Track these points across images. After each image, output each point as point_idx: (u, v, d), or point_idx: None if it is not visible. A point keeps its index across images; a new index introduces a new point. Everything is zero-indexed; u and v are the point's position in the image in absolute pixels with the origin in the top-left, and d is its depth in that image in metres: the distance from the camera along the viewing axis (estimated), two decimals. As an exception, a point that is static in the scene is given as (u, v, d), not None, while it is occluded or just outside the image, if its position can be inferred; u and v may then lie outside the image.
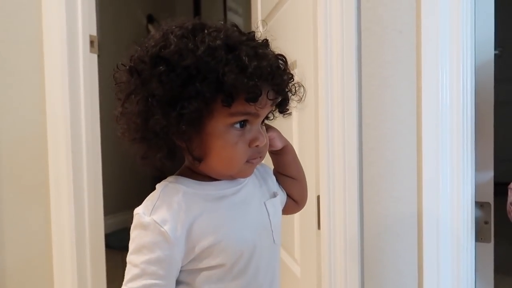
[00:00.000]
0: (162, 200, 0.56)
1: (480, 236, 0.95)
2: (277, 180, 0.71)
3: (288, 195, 0.73)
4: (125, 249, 0.57)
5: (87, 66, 1.43)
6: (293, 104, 0.61)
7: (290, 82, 0.59)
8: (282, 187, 0.72)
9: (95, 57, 1.47)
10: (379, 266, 0.95)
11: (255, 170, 0.64)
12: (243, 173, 0.59)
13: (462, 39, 0.92)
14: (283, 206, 0.71)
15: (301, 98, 0.61)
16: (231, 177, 0.60)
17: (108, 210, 2.28)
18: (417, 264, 0.91)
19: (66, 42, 1.37)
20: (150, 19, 2.88)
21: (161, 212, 0.55)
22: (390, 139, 0.94)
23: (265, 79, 0.53)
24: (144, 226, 0.54)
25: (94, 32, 1.47)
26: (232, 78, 0.50)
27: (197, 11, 3.05)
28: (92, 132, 1.44)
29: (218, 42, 0.51)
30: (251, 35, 0.56)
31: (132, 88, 0.53)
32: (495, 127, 1.74)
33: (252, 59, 0.52)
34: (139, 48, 0.55)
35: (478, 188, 0.97)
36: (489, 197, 0.96)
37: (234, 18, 3.01)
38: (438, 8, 0.91)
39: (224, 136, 0.54)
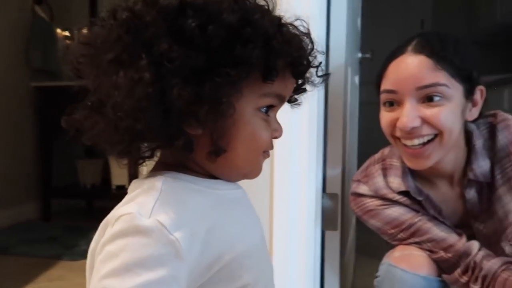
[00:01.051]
0: (167, 195, 0.40)
1: (327, 224, 1.04)
2: None
3: None
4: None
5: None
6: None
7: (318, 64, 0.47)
8: None
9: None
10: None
11: None
12: (257, 170, 0.48)
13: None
14: None
15: (315, 85, 0.49)
16: (244, 177, 0.48)
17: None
18: (269, 253, 0.98)
19: None
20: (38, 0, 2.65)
21: (168, 212, 0.38)
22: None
23: (306, 53, 0.45)
24: (142, 232, 0.36)
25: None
26: (284, 45, 0.40)
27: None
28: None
29: (265, 6, 0.43)
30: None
31: (129, 49, 0.38)
32: (362, 125, 1.91)
33: (292, 30, 0.44)
34: None
35: (328, 180, 1.06)
36: (337, 189, 1.07)
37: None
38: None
39: (253, 122, 0.43)
